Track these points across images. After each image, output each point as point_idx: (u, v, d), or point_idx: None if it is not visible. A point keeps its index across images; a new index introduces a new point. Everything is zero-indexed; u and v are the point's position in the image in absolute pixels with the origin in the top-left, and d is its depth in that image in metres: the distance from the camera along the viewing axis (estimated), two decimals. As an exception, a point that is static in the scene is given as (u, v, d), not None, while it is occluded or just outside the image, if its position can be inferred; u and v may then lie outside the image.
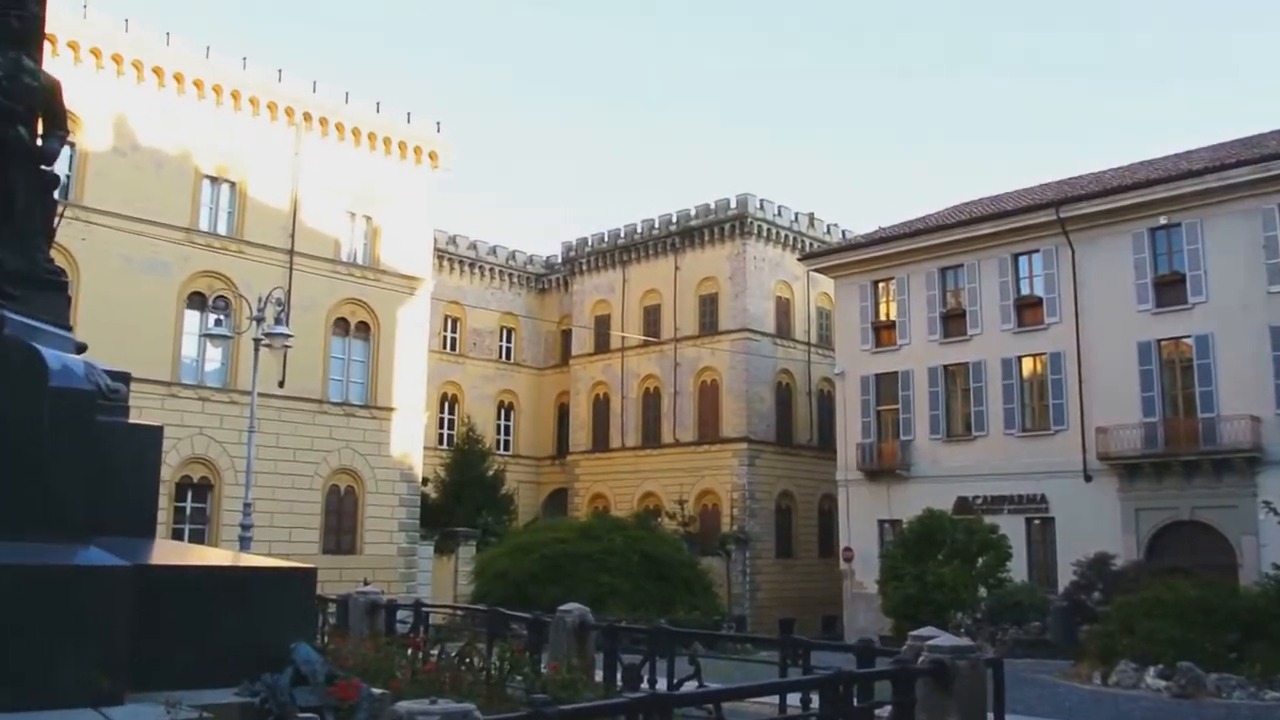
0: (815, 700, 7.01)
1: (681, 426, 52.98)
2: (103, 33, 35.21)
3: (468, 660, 10.88)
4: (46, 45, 8.34)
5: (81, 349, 7.86)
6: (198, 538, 33.67)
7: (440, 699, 5.09)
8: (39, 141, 8.05)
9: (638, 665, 10.65)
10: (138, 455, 7.88)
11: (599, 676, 11.08)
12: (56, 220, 8.79)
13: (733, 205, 53.00)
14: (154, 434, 8.19)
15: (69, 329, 7.92)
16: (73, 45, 33.91)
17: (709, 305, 53.32)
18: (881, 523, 41.26)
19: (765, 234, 52.85)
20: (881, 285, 43.56)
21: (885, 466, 41.55)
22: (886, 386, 42.46)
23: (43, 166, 8.16)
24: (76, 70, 33.51)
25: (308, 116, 40.19)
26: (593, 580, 29.73)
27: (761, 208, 53.08)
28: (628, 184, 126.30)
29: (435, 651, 11.19)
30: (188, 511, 35.08)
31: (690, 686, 9.67)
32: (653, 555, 33.34)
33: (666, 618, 20.23)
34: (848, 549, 42.45)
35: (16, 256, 7.77)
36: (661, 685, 10.23)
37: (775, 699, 8.09)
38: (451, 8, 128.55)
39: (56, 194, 8.85)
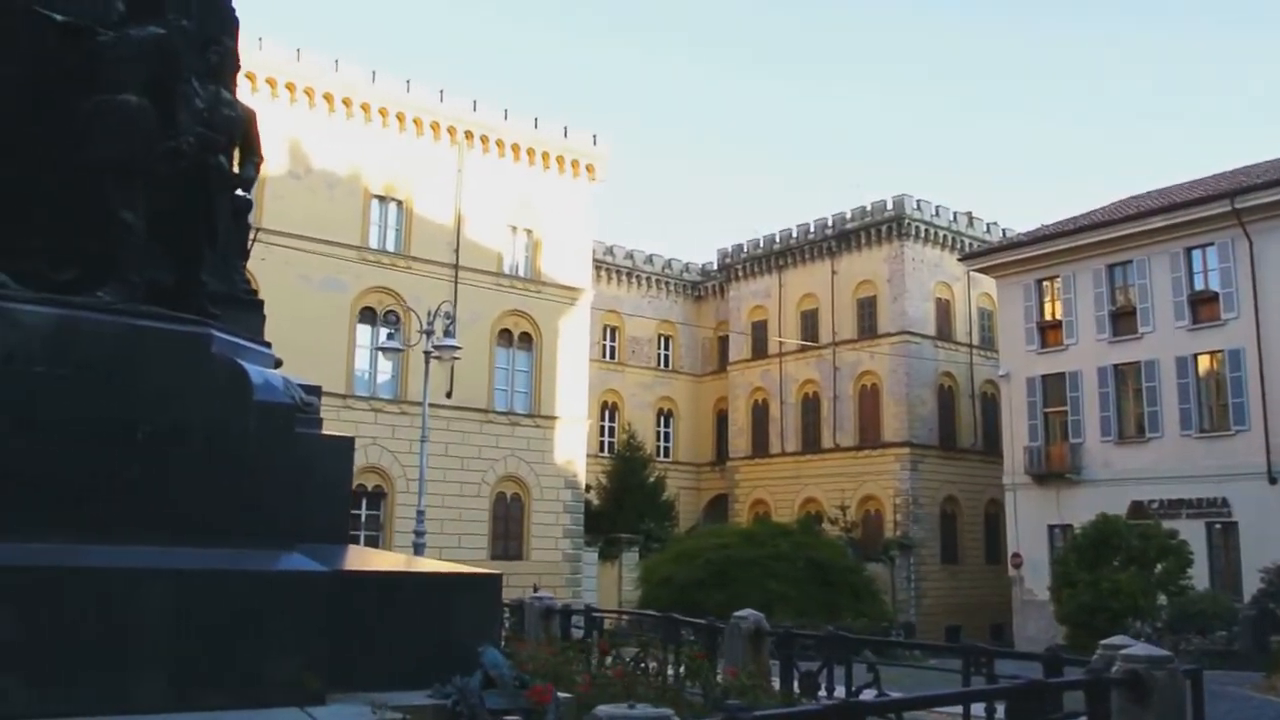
0: (1000, 711, 6.83)
1: (842, 431, 52.32)
2: (276, 62, 36.98)
3: (642, 665, 10.97)
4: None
5: (278, 364, 8.25)
6: (372, 543, 34.87)
7: (638, 704, 5.15)
8: (236, 169, 8.49)
9: (814, 672, 10.57)
10: (332, 465, 8.24)
11: (774, 683, 11.02)
12: (250, 242, 9.29)
13: (889, 207, 52.12)
14: (346, 444, 8.56)
15: (267, 345, 8.33)
16: (250, 76, 35.62)
17: (867, 308, 52.53)
18: (1051, 528, 39.93)
19: (923, 235, 51.79)
20: (1046, 284, 42.19)
21: (1054, 470, 40.19)
22: (1053, 388, 41.08)
23: (239, 192, 8.63)
24: (253, 99, 35.14)
25: (469, 134, 41.31)
26: (758, 586, 29.64)
27: (919, 208, 52.03)
28: (782, 189, 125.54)
29: (610, 659, 11.30)
30: (363, 518, 36.37)
31: (868, 695, 9.55)
32: (818, 561, 33.05)
33: (834, 624, 20.01)
34: (1016, 555, 41.21)
35: (218, 278, 8.23)
36: (839, 693, 10.13)
37: (958, 709, 7.92)
38: (605, 22, 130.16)
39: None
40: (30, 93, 7.40)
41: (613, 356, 58.00)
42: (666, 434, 59.97)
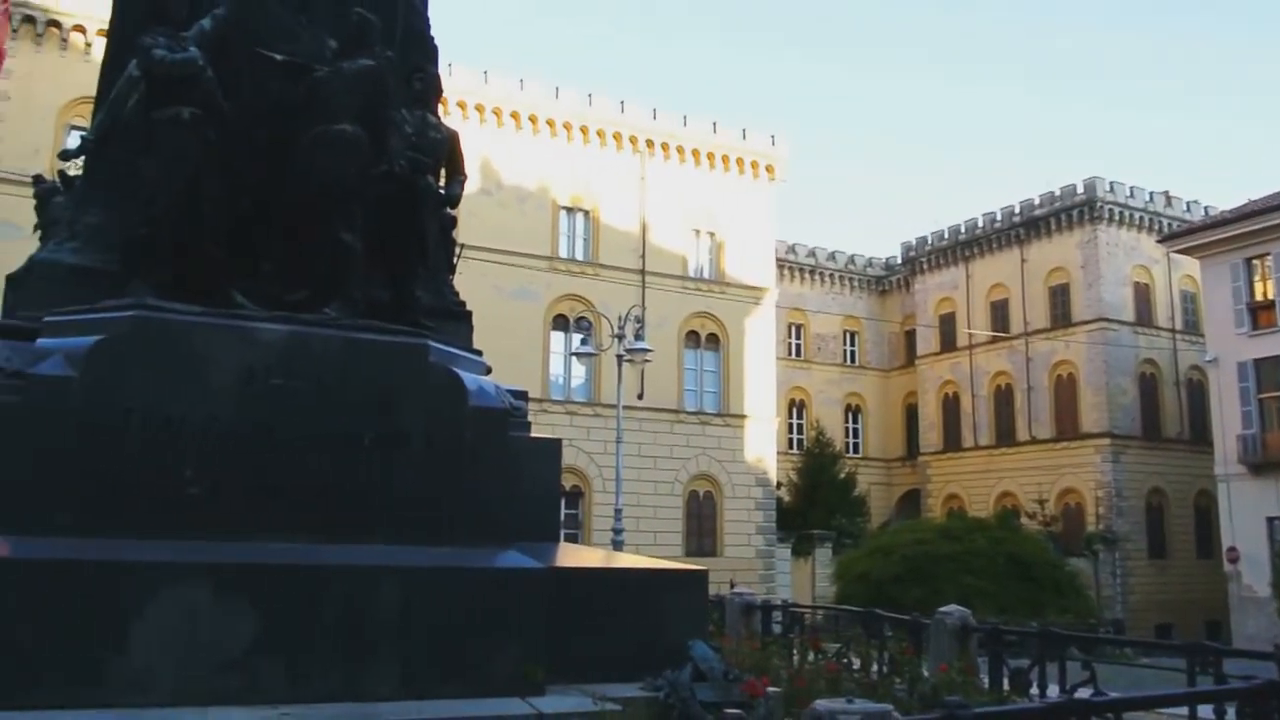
0: (1230, 713, 6.53)
1: (1037, 423, 50.59)
2: (466, 86, 38.51)
3: (845, 660, 10.92)
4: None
5: (488, 371, 8.64)
6: (572, 541, 35.59)
7: (857, 699, 5.20)
8: (443, 188, 8.94)
9: (1025, 669, 10.31)
10: (542, 465, 8.57)
11: (982, 681, 10.80)
12: (456, 257, 9.75)
13: (1080, 190, 50.10)
14: (554, 445, 8.89)
15: (478, 353, 8.73)
16: (442, 102, 37.07)
17: (1060, 296, 50.64)
18: (1271, 520, 37.50)
19: (1117, 217, 49.58)
20: (1256, 262, 39.70)
21: (1272, 459, 37.74)
22: (1269, 372, 38.60)
23: (447, 209, 9.08)
24: (447, 121, 36.56)
25: (650, 143, 41.99)
26: (956, 582, 28.96)
27: (1112, 190, 49.84)
28: (964, 178, 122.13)
29: (812, 654, 11.29)
30: (562, 517, 37.27)
31: (1083, 694, 9.26)
32: (1018, 556, 32.08)
33: (1037, 621, 19.41)
34: (1232, 549, 38.90)
35: (429, 292, 8.70)
36: (1051, 691, 9.86)
37: (1183, 710, 7.61)
38: (776, 26, 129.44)
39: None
40: (256, 128, 8.00)
41: (799, 354, 57.67)
42: (855, 430, 59.23)
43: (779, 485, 45.48)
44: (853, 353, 60.15)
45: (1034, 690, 9.90)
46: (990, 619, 16.64)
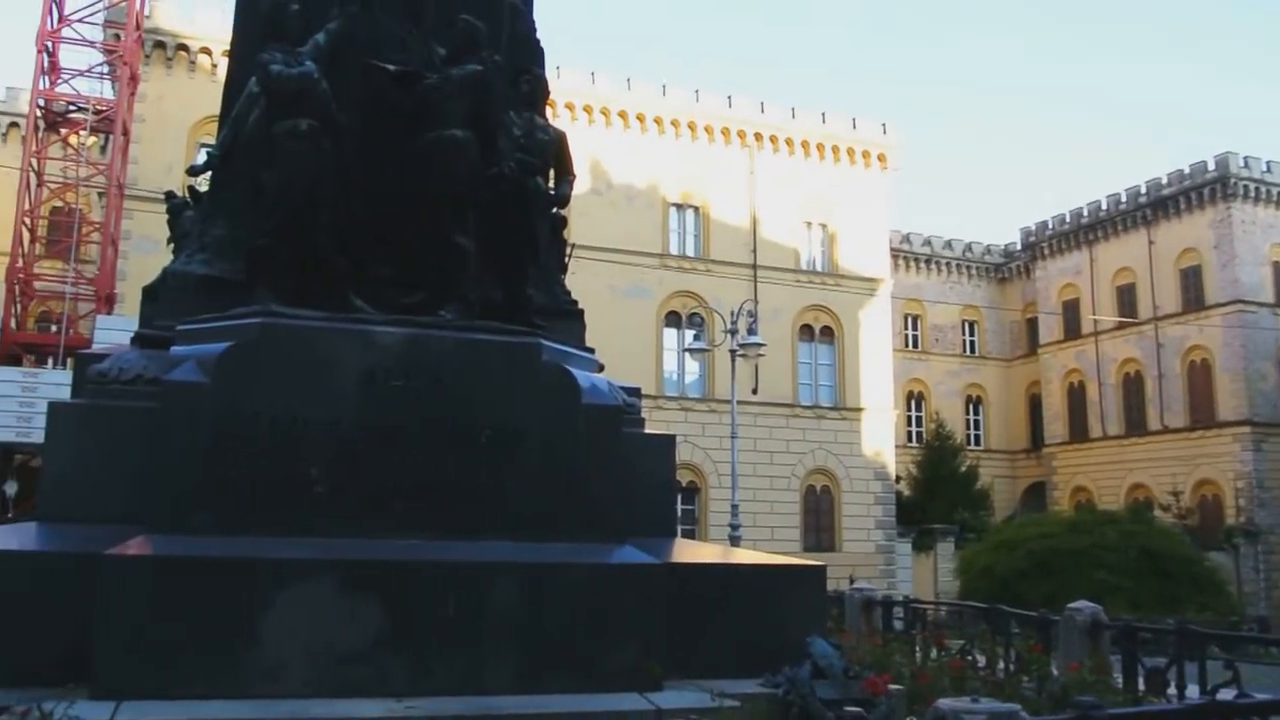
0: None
1: (1170, 412, 48.90)
2: (574, 87, 38.99)
3: (969, 658, 10.72)
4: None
5: (600, 368, 8.71)
6: (688, 537, 35.75)
7: (982, 698, 5.11)
8: (552, 188, 9.04)
9: (1162, 669, 9.96)
10: (655, 461, 8.60)
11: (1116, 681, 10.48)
12: (567, 257, 9.85)
13: (1211, 167, 48.26)
14: (667, 441, 8.91)
15: (590, 351, 8.81)
16: (551, 103, 37.54)
17: (1191, 278, 48.90)
18: None
19: (1253, 194, 47.65)
20: None
21: None
22: None
23: (556, 210, 9.19)
24: (555, 122, 37.06)
25: (759, 136, 41.88)
26: (1086, 577, 28.16)
27: (1246, 165, 47.87)
28: (1085, 160, 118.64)
29: (935, 651, 11.11)
30: (679, 513, 37.44)
31: (1225, 695, 8.89)
32: (1152, 550, 31.07)
33: (1174, 617, 18.73)
34: (1392, 543, 37.05)
35: (541, 291, 8.81)
36: (1190, 692, 9.51)
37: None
38: (882, 6, 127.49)
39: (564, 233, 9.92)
40: (369, 136, 8.21)
41: (916, 345, 56.78)
42: (976, 421, 58.07)
43: (898, 479, 44.94)
44: (972, 343, 58.97)
45: (1171, 691, 9.58)
46: (1123, 616, 16.16)
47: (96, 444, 7.20)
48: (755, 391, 37.92)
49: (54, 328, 35.82)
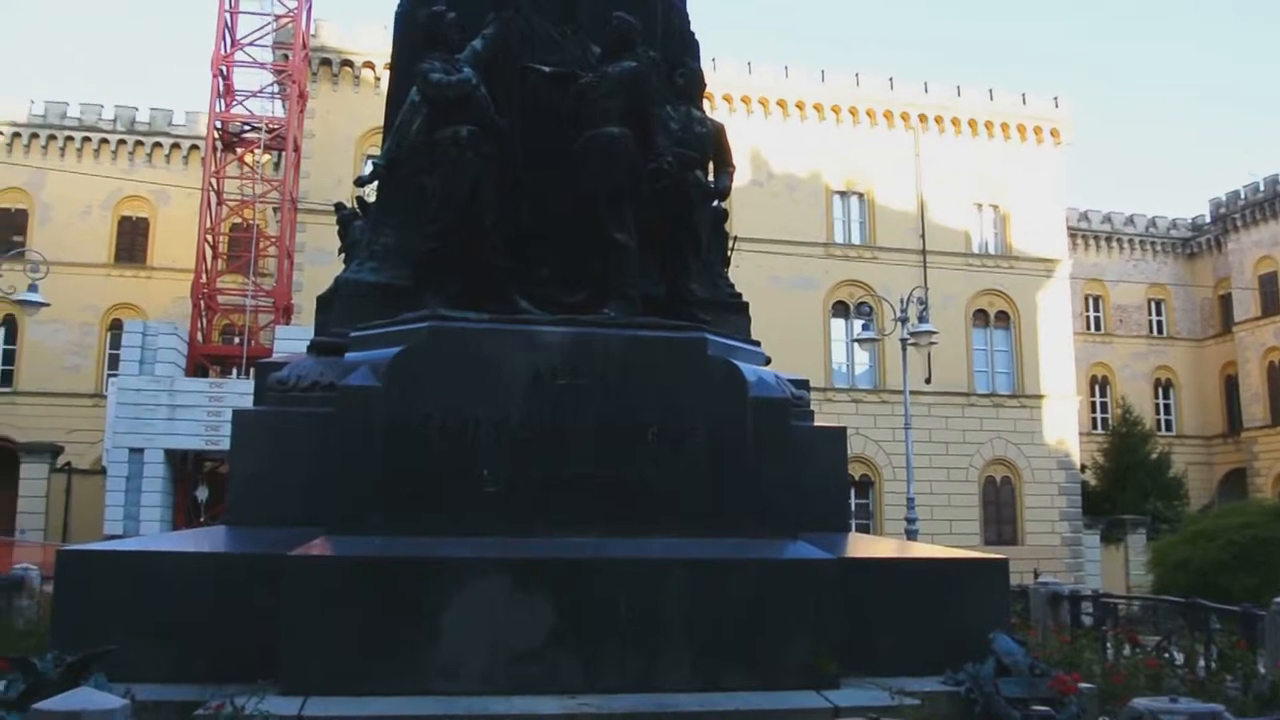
0: None
1: (1384, 389, 45.62)
2: (730, 79, 38.91)
3: (1166, 655, 10.19)
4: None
5: (767, 361, 8.61)
6: (863, 531, 35.21)
7: (1182, 698, 4.81)
8: (711, 181, 8.97)
9: (1389, 672, 9.21)
10: (826, 454, 8.44)
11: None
12: (729, 249, 9.76)
13: None
14: (838, 434, 8.74)
15: (756, 344, 8.71)
16: (708, 96, 37.53)
17: (1406, 244, 45.50)
18: None
19: None
20: None
21: None
22: None
23: (716, 202, 9.12)
24: (713, 115, 37.07)
25: (923, 118, 40.99)
26: (1296, 569, 26.46)
27: None
28: (1276, 123, 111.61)
29: (1128, 648, 10.60)
30: (852, 507, 36.97)
31: None
32: (1370, 539, 28.96)
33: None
34: None
35: (704, 285, 8.75)
36: None
37: None
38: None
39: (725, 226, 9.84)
40: (528, 138, 8.31)
41: (1098, 328, 54.37)
42: (1166, 406, 55.22)
43: (1083, 468, 43.22)
44: (1159, 323, 56.11)
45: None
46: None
47: (278, 449, 7.50)
48: (928, 381, 37.10)
49: (237, 339, 37.80)
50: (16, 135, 44.13)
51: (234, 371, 35.36)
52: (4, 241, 35.17)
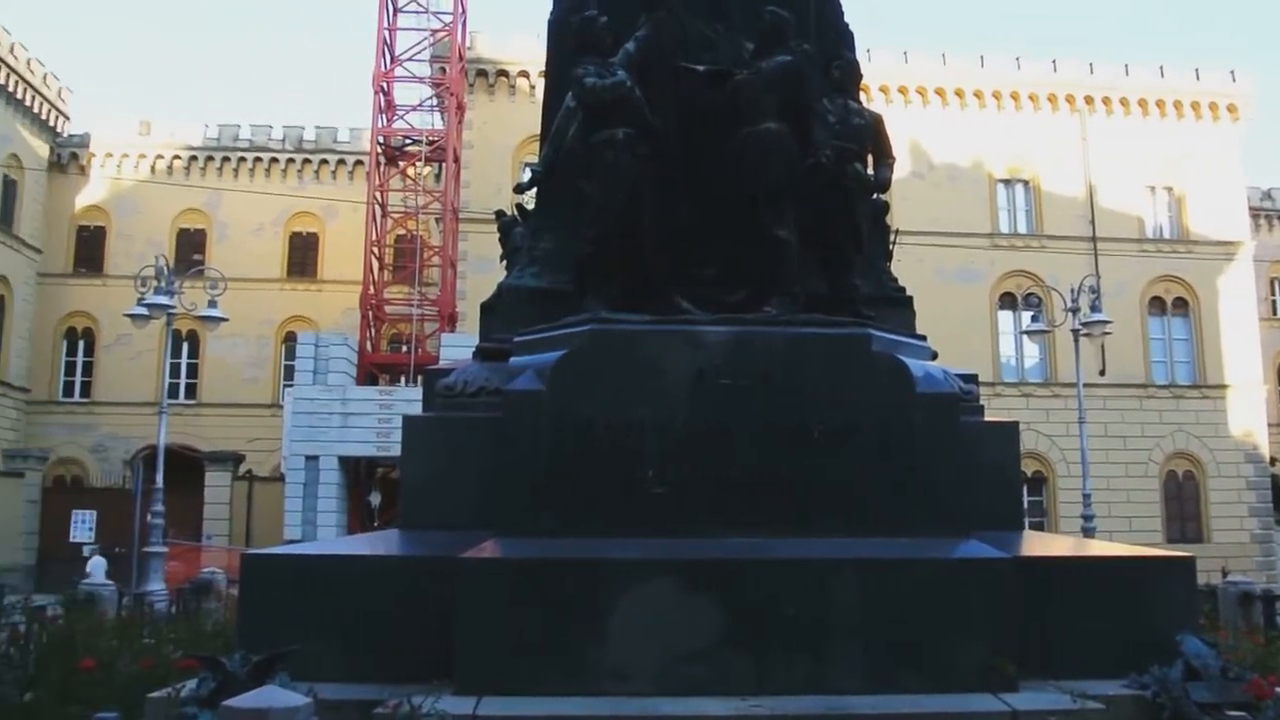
0: None
1: None
2: (885, 70, 38.38)
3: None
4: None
5: (933, 356, 8.40)
6: (1037, 529, 34.24)
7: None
8: (871, 173, 8.82)
9: None
10: (998, 451, 8.18)
11: None
12: (892, 242, 9.59)
13: None
14: (1010, 429, 8.46)
15: (922, 339, 8.51)
16: (864, 87, 37.05)
17: None
18: None
19: None
20: None
21: None
22: None
23: (877, 195, 8.96)
24: (869, 106, 36.61)
25: (1089, 99, 39.68)
26: None
27: None
28: None
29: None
30: (1025, 504, 35.92)
31: None
32: None
33: None
34: None
35: (867, 281, 8.61)
36: None
37: None
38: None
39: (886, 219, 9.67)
40: (684, 138, 8.31)
41: (1285, 312, 51.41)
42: (1364, 393, 51.79)
43: (1273, 461, 41.00)
44: (1356, 304, 52.66)
45: None
46: None
47: (447, 454, 7.67)
48: (1102, 373, 35.84)
49: (404, 348, 39.10)
50: (194, 159, 46.64)
51: (402, 379, 36.58)
52: (185, 260, 37.16)
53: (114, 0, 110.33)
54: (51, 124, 47.23)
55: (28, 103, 45.24)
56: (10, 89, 43.89)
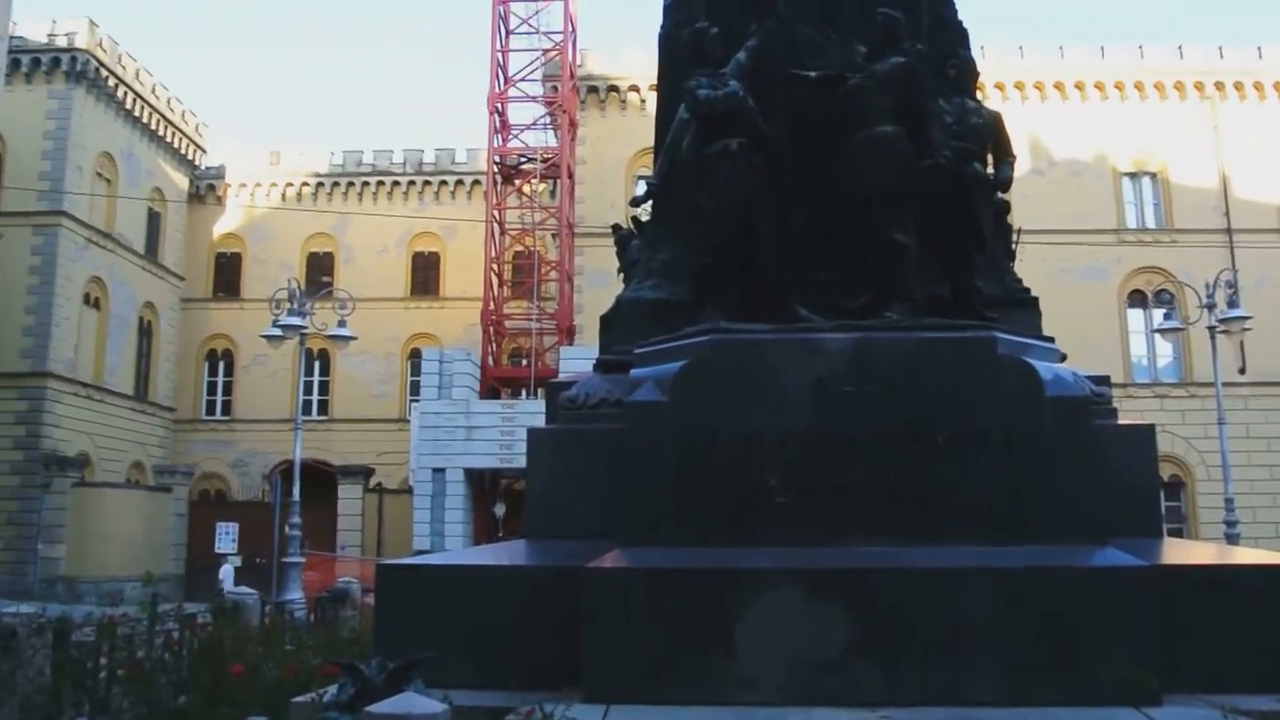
0: None
1: None
2: (1001, 66, 37.59)
3: None
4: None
5: (1062, 358, 8.19)
6: (1175, 535, 32.96)
7: None
8: (991, 172, 8.65)
9: None
10: (1133, 455, 7.93)
11: None
12: (1014, 242, 9.37)
13: None
14: (1146, 433, 8.18)
15: (1050, 340, 8.30)
16: (979, 85, 36.34)
17: None
18: None
19: None
20: None
21: None
22: None
23: (998, 194, 8.77)
24: (986, 104, 35.93)
25: (1219, 85, 38.18)
26: None
27: None
28: None
29: None
30: (1162, 510, 34.63)
31: None
32: None
33: None
34: None
35: (990, 282, 8.44)
36: None
37: None
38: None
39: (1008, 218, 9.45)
40: (799, 145, 8.26)
41: None
42: None
43: None
44: None
45: None
46: None
47: (570, 465, 7.77)
48: (1243, 371, 34.25)
49: (524, 361, 39.72)
50: (320, 185, 48.29)
51: (523, 392, 37.14)
52: (315, 282, 38.38)
53: (241, 34, 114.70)
54: (190, 158, 49.67)
55: (169, 139, 47.71)
56: (153, 128, 46.32)
